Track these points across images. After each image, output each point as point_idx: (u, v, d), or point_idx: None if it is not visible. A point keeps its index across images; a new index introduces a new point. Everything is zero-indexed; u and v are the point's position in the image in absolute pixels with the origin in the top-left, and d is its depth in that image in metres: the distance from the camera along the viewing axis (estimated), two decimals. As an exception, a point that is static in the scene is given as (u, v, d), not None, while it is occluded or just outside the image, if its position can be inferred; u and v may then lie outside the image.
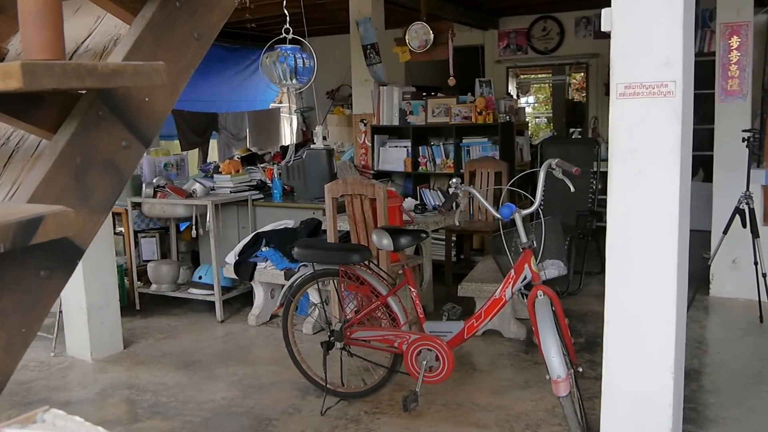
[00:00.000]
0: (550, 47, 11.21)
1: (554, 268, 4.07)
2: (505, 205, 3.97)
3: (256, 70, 13.11)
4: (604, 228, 3.52)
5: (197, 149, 11.70)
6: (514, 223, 3.97)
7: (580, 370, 4.00)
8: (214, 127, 11.85)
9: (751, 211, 5.90)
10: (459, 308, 4.29)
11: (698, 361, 5.28)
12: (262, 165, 7.58)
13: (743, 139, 5.95)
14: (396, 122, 8.49)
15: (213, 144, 12.09)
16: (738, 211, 5.94)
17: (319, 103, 12.29)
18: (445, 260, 7.59)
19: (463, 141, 8.24)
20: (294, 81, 5.56)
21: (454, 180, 4.14)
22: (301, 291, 4.61)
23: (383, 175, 8.65)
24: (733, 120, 6.73)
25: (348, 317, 4.47)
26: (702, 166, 8.67)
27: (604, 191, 10.21)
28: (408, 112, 8.38)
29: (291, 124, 14.23)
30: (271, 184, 7.21)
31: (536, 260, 3.96)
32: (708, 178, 7.64)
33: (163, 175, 7.23)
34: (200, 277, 6.74)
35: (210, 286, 6.53)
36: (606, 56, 10.75)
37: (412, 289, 4.33)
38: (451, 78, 7.72)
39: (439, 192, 8.26)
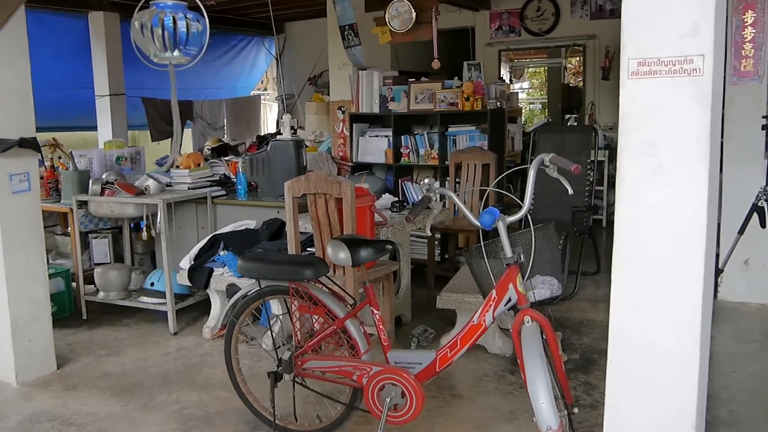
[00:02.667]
0: (545, 29, 10.48)
1: (546, 288, 3.35)
2: (487, 211, 3.26)
3: (236, 55, 12.42)
4: (600, 222, 2.81)
5: (170, 140, 10.97)
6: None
7: (576, 411, 3.29)
8: (188, 116, 11.11)
9: (772, 209, 5.20)
10: (432, 332, 3.60)
11: (711, 383, 4.56)
12: (226, 158, 6.84)
13: (763, 126, 5.23)
14: (376, 110, 7.76)
15: (188, 134, 11.35)
16: (756, 208, 5.24)
17: (299, 90, 11.59)
18: (427, 261, 6.89)
19: (449, 129, 7.51)
20: (176, 53, 4.49)
21: (426, 180, 3.43)
22: (246, 311, 3.89)
23: (363, 167, 7.94)
24: (747, 105, 6.02)
25: (301, 343, 3.75)
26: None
27: (600, 182, 9.58)
28: (389, 99, 7.65)
29: (276, 113, 13.50)
30: (235, 180, 6.49)
31: (524, 278, 3.25)
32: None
33: (115, 170, 6.49)
34: (152, 284, 6.04)
35: (163, 294, 5.82)
36: (603, 37, 10.16)
37: (375, 311, 3.62)
38: (435, 60, 6.98)
39: (422, 185, 7.54)
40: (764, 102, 6.13)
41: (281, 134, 6.24)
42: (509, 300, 3.25)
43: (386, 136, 7.74)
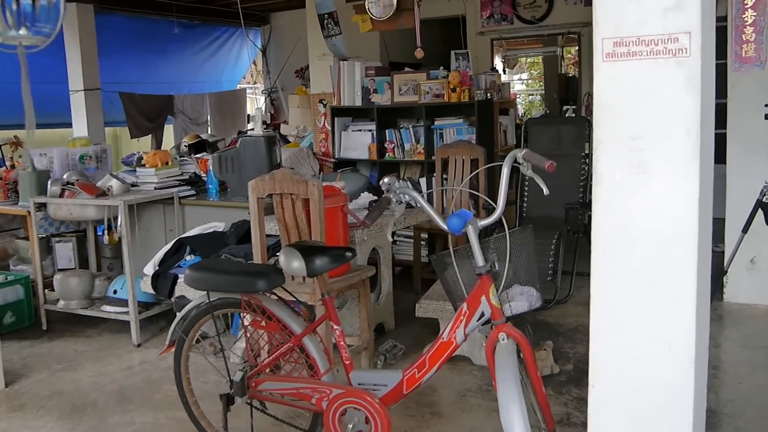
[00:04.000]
0: (538, 16, 10.04)
1: (524, 300, 2.96)
2: (457, 213, 2.87)
3: (220, 47, 12.00)
4: None
5: (150, 136, 10.61)
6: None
7: (560, 439, 2.90)
8: (169, 111, 10.73)
9: (777, 205, 4.80)
10: (401, 348, 3.21)
11: (715, 396, 4.17)
12: (197, 155, 6.44)
13: (766, 116, 4.83)
14: (359, 102, 7.35)
15: (169, 130, 10.97)
16: (761, 204, 4.85)
17: (286, 83, 11.19)
18: (413, 263, 6.49)
19: (436, 123, 7.10)
20: (23, 31, 3.93)
21: (386, 179, 3.03)
22: (196, 327, 3.50)
23: (346, 164, 7.54)
24: (749, 92, 5.63)
25: (255, 362, 3.36)
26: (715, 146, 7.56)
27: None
28: (372, 91, 7.23)
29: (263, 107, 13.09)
30: (206, 179, 6.09)
31: (498, 290, 2.86)
32: (720, 158, 6.52)
33: (77, 169, 6.09)
34: (115, 291, 5.65)
35: (126, 303, 5.43)
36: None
37: (335, 327, 3.22)
38: (418, 49, 6.57)
39: (408, 183, 7.13)
40: (768, 89, 5.74)
41: (252, 129, 5.83)
42: (482, 314, 2.86)
43: (369, 131, 7.33)
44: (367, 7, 6.73)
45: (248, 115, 5.62)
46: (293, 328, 3.25)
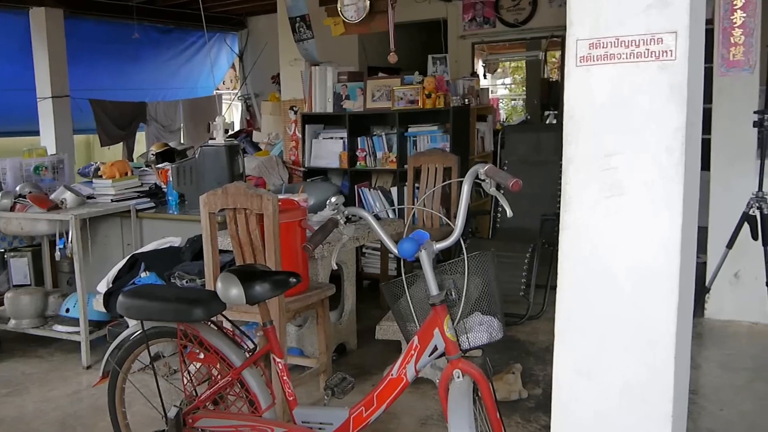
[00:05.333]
0: (521, 19, 9.78)
1: (483, 331, 2.67)
2: (411, 236, 2.57)
3: (196, 53, 11.69)
4: None
5: (122, 144, 10.30)
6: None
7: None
8: (141, 119, 10.42)
9: (765, 218, 4.50)
10: (351, 381, 2.92)
11: (694, 425, 3.89)
12: (159, 166, 6.13)
13: (754, 123, 4.55)
14: (330, 109, 7.05)
15: (141, 137, 10.65)
16: (747, 217, 4.56)
17: (263, 89, 10.90)
18: (380, 277, 6.20)
19: (409, 130, 6.81)
20: None
21: (333, 199, 2.75)
22: (131, 357, 3.20)
23: (317, 173, 7.25)
24: (737, 98, 5.36)
25: (193, 397, 3.06)
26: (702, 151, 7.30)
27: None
28: (344, 97, 6.94)
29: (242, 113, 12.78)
30: (166, 190, 5.78)
31: (454, 320, 2.58)
32: (705, 165, 6.25)
33: (32, 181, 5.78)
34: (68, 310, 5.34)
35: (78, 322, 5.13)
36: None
37: (278, 359, 2.93)
38: (392, 54, 6.28)
39: (380, 192, 6.85)
40: (756, 95, 5.46)
41: (213, 137, 5.53)
42: (435, 348, 2.56)
43: (341, 138, 7.03)
44: (339, 9, 6.44)
45: (209, 123, 5.34)
46: (232, 360, 2.96)
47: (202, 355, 3.00)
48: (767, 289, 4.58)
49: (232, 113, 12.94)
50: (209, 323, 3.06)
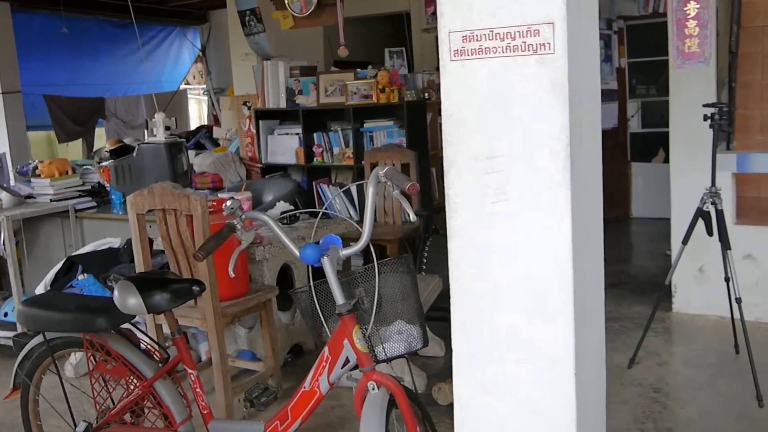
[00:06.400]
0: (485, 12, 9.59)
1: (401, 341, 2.51)
2: (313, 243, 2.41)
3: (156, 47, 11.45)
4: None
5: (81, 141, 10.07)
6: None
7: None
8: (100, 114, 10.19)
9: (719, 214, 4.37)
10: (273, 391, 2.77)
11: (653, 425, 3.76)
12: (103, 164, 5.94)
13: (705, 117, 4.42)
14: (283, 104, 6.86)
15: (100, 133, 10.42)
16: (701, 213, 4.42)
17: (227, 83, 10.68)
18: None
19: (365, 125, 6.64)
20: None
21: (228, 202, 2.56)
22: (41, 369, 3.03)
23: (275, 169, 7.06)
24: (693, 91, 5.23)
25: (103, 410, 2.89)
26: (663, 145, 7.20)
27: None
28: (297, 92, 6.76)
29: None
30: (110, 189, 5.60)
31: (366, 330, 2.42)
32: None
33: (-33, 180, 5.59)
34: (6, 314, 5.13)
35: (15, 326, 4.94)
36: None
37: (190, 371, 2.76)
38: (342, 48, 6.11)
39: (338, 188, 6.68)
40: (713, 87, 5.34)
41: (154, 134, 5.34)
42: (347, 360, 2.41)
43: (296, 134, 6.85)
44: (287, 2, 6.26)
45: (146, 120, 5.17)
46: (144, 371, 2.79)
47: (110, 367, 2.82)
48: (726, 285, 4.45)
49: (202, 109, 12.73)
50: (120, 332, 2.88)
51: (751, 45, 5.73)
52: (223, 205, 2.55)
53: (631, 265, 6.94)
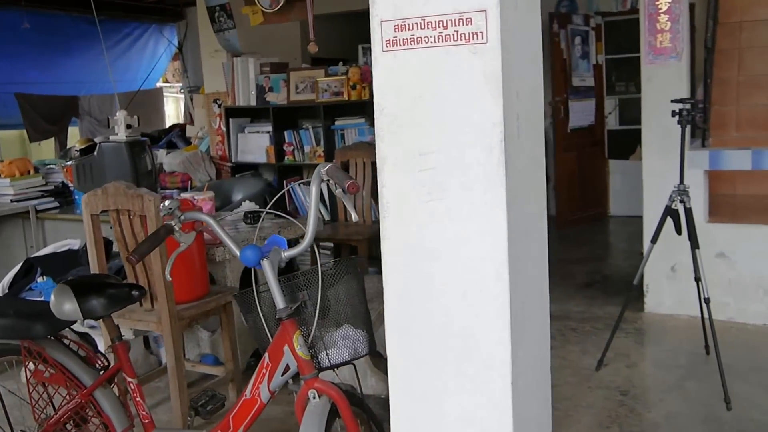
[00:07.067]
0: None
1: (346, 347, 2.41)
2: (253, 245, 2.31)
3: (132, 45, 11.28)
4: None
5: (53, 139, 9.93)
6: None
7: None
8: (73, 113, 10.04)
9: (688, 212, 4.29)
10: (221, 398, 2.67)
11: (618, 429, 3.67)
12: (67, 163, 5.81)
13: (674, 113, 4.33)
14: (254, 102, 6.75)
15: (74, 132, 10.27)
16: (669, 212, 4.33)
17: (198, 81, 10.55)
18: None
19: (336, 123, 6.53)
20: None
21: (166, 203, 2.45)
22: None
23: (245, 168, 6.96)
24: (665, 87, 5.15)
25: (42, 420, 2.78)
26: (641, 142, 7.07)
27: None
28: (267, 89, 6.64)
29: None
30: (73, 189, 5.48)
31: (309, 335, 2.32)
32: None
33: (-72, 180, 5.45)
34: (-37, 318, 5.00)
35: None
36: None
37: (129, 379, 2.65)
38: (312, 44, 5.99)
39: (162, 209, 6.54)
40: (685, 83, 5.26)
41: (116, 133, 5.21)
42: (288, 367, 2.30)
43: (267, 132, 6.74)
44: (256, -2, 6.15)
45: (108, 119, 5.06)
46: (83, 379, 2.68)
47: (48, 375, 2.71)
48: (696, 285, 4.37)
49: (180, 107, 12.59)
50: (59, 339, 2.77)
51: (728, 41, 5.66)
52: (162, 205, 2.44)
53: (606, 265, 6.87)
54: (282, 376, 2.34)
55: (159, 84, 12.15)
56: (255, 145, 6.86)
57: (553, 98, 8.59)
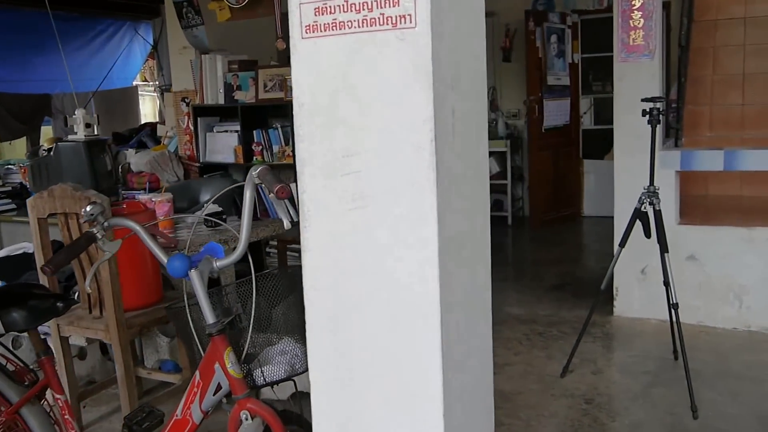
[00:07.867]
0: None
1: (283, 364, 2.28)
2: (182, 254, 2.18)
3: (106, 42, 11.09)
4: (505, 220, 1.70)
5: (25, 139, 9.75)
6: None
7: None
8: (46, 112, 9.87)
9: (657, 214, 4.18)
10: (159, 414, 2.53)
11: (582, 440, 3.56)
12: (25, 163, 5.66)
13: (644, 112, 4.23)
14: (222, 100, 6.60)
15: (48, 131, 10.10)
16: (639, 214, 4.23)
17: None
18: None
19: (305, 122, 6.38)
20: None
21: (88, 208, 2.31)
22: None
23: (213, 168, 6.80)
24: (638, 86, 5.04)
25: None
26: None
27: (503, 175, 8.58)
28: (235, 87, 6.50)
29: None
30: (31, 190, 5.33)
31: (243, 350, 2.19)
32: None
33: None
34: None
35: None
36: (503, 15, 9.08)
37: (57, 395, 2.51)
38: (280, 41, 5.86)
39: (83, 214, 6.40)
40: (658, 83, 5.15)
41: (75, 132, 5.06)
42: (219, 386, 2.17)
43: (236, 131, 6.59)
44: (223, -7, 6.01)
45: (64, 117, 4.92)
46: (8, 396, 2.54)
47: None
48: (665, 289, 4.27)
49: (155, 106, 12.42)
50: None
51: (702, 39, 5.57)
52: (83, 211, 2.30)
53: (577, 266, 6.76)
54: (214, 395, 2.21)
55: (136, 82, 11.97)
56: (223, 144, 6.71)
57: (527, 97, 8.51)
